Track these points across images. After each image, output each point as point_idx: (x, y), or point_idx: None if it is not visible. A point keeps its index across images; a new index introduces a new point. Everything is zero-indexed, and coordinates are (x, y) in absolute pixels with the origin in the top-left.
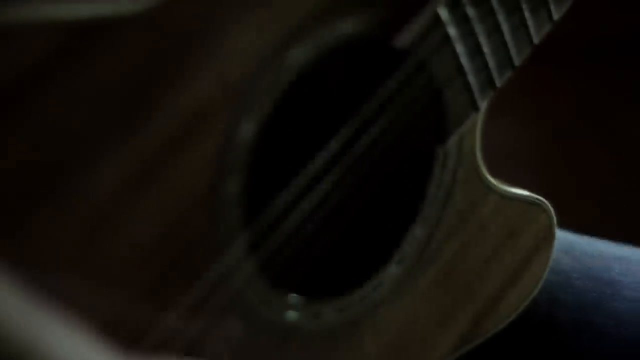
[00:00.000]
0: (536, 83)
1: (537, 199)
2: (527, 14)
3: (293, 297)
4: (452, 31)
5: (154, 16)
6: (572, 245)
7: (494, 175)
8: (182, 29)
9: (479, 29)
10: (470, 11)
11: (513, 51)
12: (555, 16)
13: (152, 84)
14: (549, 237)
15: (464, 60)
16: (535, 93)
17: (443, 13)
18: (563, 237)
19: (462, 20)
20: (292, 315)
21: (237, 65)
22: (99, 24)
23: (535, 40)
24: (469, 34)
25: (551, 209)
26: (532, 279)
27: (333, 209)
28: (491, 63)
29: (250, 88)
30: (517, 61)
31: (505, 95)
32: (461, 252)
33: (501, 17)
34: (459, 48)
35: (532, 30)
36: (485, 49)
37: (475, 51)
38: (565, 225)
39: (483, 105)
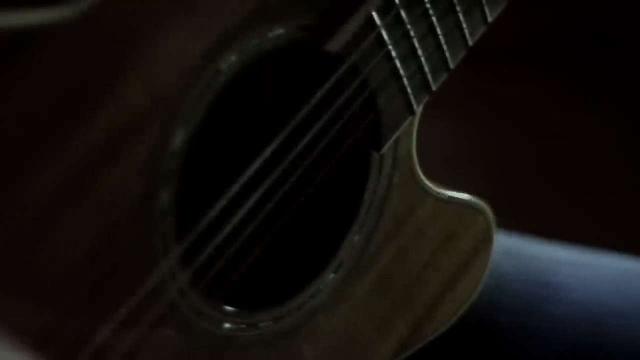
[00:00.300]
0: (474, 84)
1: (475, 201)
2: (461, 17)
3: (228, 308)
4: (385, 34)
5: (82, 25)
6: (512, 248)
7: (435, 178)
8: (110, 38)
9: (413, 32)
10: (404, 14)
11: (448, 54)
12: (490, 18)
13: (80, 94)
14: (488, 240)
15: (399, 63)
16: (472, 94)
17: (376, 16)
18: (503, 239)
19: (396, 23)
20: (227, 326)
21: (167, 73)
22: (26, 33)
23: (470, 43)
24: (403, 37)
25: (490, 211)
26: (471, 282)
27: (268, 217)
28: (426, 66)
29: (181, 96)
30: (452, 64)
31: (443, 96)
32: (399, 257)
33: (435, 20)
34: (393, 51)
35: (466, 32)
36: (420, 52)
37: (410, 54)
38: (504, 226)
39: (419, 108)
